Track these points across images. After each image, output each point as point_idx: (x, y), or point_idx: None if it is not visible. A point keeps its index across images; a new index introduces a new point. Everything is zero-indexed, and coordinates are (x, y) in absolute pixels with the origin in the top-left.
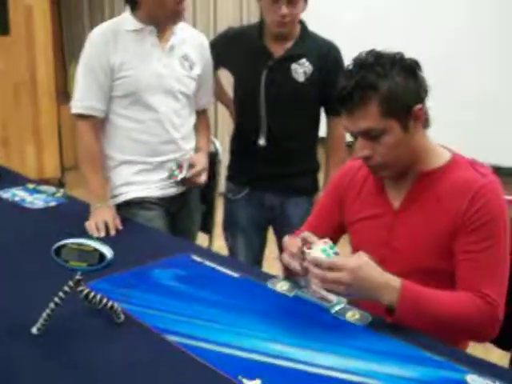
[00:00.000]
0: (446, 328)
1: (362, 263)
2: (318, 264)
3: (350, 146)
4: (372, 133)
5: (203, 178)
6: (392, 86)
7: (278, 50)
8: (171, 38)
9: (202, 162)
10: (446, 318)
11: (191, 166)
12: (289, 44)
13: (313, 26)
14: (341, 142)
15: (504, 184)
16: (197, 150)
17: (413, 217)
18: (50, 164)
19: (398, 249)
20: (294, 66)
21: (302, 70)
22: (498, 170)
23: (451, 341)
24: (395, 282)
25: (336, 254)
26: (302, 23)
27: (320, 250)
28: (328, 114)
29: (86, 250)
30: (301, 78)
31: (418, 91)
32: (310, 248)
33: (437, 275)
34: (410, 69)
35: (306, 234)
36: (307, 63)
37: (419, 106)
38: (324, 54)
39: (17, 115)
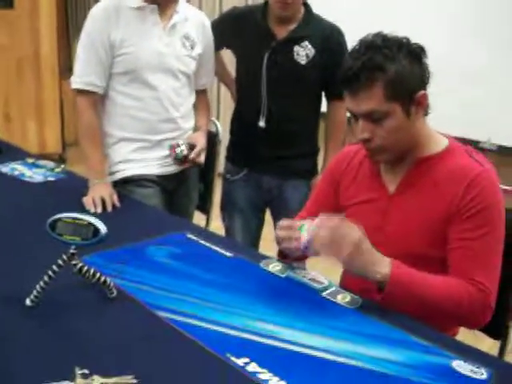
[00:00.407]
0: (435, 311)
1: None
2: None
3: (349, 121)
4: (374, 115)
5: (202, 158)
6: (399, 70)
7: (281, 32)
8: (173, 16)
9: (201, 141)
10: (435, 300)
11: (191, 146)
12: (292, 26)
13: (315, 10)
14: (341, 126)
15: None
16: (196, 129)
17: (408, 202)
18: (52, 139)
19: (392, 233)
20: (296, 49)
21: (304, 52)
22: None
23: (440, 327)
24: (387, 260)
25: None
26: (306, 6)
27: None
28: (329, 97)
29: (80, 224)
30: (303, 61)
31: (423, 77)
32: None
33: (429, 261)
34: (415, 54)
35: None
36: (310, 46)
37: (423, 92)
38: (327, 36)
39: (19, 90)
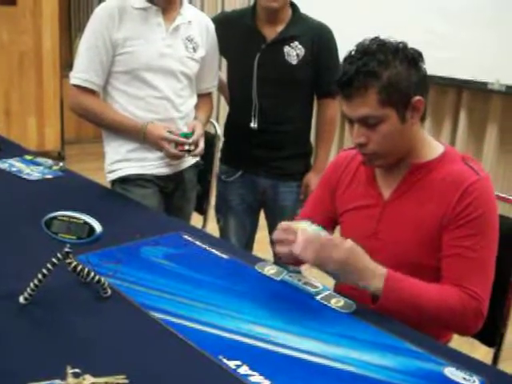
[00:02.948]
0: (428, 319)
1: (354, 246)
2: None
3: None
4: (369, 120)
5: (201, 147)
6: (392, 75)
7: (270, 34)
8: (177, 18)
9: (198, 127)
10: (428, 309)
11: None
12: (281, 27)
13: (302, 10)
14: (331, 124)
15: None
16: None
17: (402, 208)
18: (51, 137)
19: (386, 240)
20: (286, 49)
21: (294, 52)
22: None
23: (433, 333)
24: (381, 270)
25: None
26: (293, 6)
27: (306, 225)
28: (319, 95)
29: (75, 222)
30: (294, 61)
31: (419, 82)
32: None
33: (422, 269)
34: (412, 59)
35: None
36: (300, 45)
37: (418, 97)
38: (317, 35)
39: (20, 86)
